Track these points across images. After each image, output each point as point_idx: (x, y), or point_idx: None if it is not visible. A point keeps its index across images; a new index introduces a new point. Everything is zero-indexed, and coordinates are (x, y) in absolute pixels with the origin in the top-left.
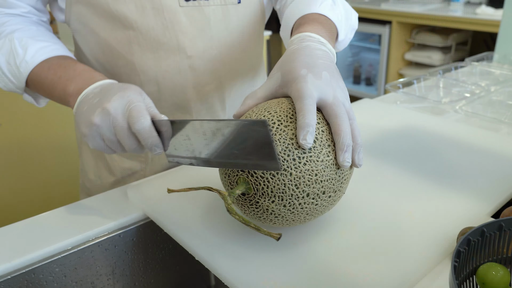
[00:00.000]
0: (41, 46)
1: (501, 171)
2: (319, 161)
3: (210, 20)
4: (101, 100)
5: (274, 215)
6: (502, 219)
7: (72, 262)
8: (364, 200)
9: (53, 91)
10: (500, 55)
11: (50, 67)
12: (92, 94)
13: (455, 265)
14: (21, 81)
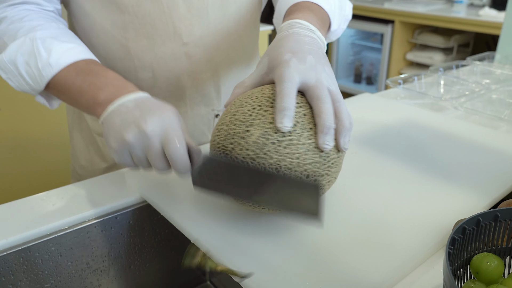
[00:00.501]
0: (66, 48)
1: (499, 167)
2: (300, 144)
3: (208, 7)
4: (138, 118)
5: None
6: (498, 209)
7: (68, 242)
8: (361, 192)
9: (80, 98)
10: (501, 56)
11: (78, 73)
12: (125, 108)
13: (449, 252)
14: (40, 84)
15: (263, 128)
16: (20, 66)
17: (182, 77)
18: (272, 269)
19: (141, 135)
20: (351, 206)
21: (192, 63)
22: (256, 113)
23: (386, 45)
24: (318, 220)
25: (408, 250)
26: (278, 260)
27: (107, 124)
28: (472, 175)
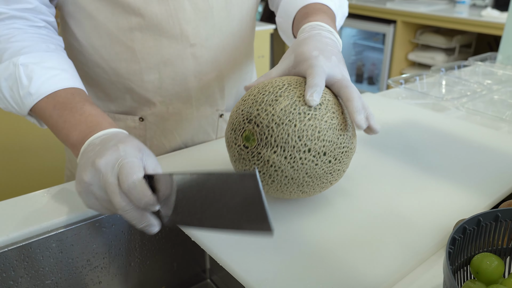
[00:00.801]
0: (48, 76)
1: (500, 167)
2: (323, 121)
3: (213, 8)
4: (95, 155)
5: (274, 168)
6: (499, 209)
7: (69, 239)
8: (363, 190)
9: (57, 133)
10: (503, 56)
11: (55, 105)
12: (91, 146)
13: (449, 251)
14: (24, 110)
15: (291, 99)
16: (4, 91)
17: (188, 78)
18: (272, 268)
19: (95, 171)
20: (351, 206)
21: (198, 64)
22: (285, 88)
23: (388, 45)
24: (265, 223)
25: (408, 249)
26: (278, 259)
27: (77, 168)
28: (473, 175)
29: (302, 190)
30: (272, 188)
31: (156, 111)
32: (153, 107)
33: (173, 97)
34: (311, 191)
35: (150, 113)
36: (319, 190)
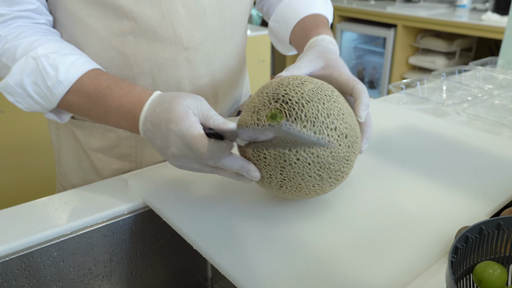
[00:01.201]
0: (71, 61)
1: (501, 173)
2: (344, 106)
3: (205, 11)
4: (163, 146)
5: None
6: (501, 217)
7: (70, 247)
8: (364, 196)
9: (106, 122)
10: (504, 61)
11: (89, 97)
12: (149, 132)
13: (452, 260)
14: (53, 103)
15: (316, 84)
16: (28, 88)
17: (182, 82)
18: (274, 274)
19: (176, 158)
20: (352, 212)
21: (192, 68)
22: (307, 78)
23: (388, 49)
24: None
25: (410, 257)
26: (279, 265)
27: (150, 142)
28: (474, 181)
29: (321, 176)
30: (293, 172)
31: None
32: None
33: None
34: (326, 184)
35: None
36: (332, 184)
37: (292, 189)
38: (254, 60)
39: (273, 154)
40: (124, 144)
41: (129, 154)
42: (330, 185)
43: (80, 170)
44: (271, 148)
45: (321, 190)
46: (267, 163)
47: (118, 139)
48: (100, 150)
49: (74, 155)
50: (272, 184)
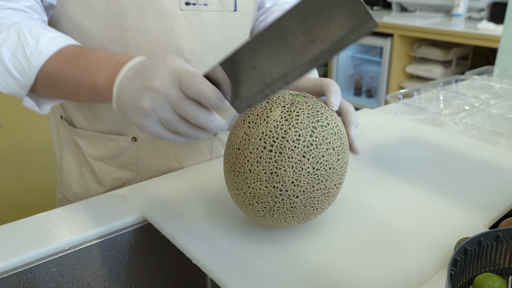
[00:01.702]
0: (53, 36)
1: (499, 183)
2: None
3: (208, 25)
4: (143, 81)
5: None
6: (499, 229)
7: (69, 263)
8: (362, 208)
9: (79, 88)
10: (500, 70)
11: (68, 61)
12: (127, 80)
13: (451, 273)
14: (30, 77)
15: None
16: (6, 60)
17: None
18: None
19: (154, 94)
20: (349, 224)
21: None
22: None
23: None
24: (369, 17)
25: (409, 269)
26: (278, 279)
27: (121, 105)
28: (472, 191)
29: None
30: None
31: None
32: None
33: None
34: (317, 204)
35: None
36: (320, 206)
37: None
38: None
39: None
40: (125, 154)
41: (130, 164)
42: (318, 208)
43: (81, 178)
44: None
45: (313, 212)
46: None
47: (119, 149)
48: (102, 159)
49: (76, 164)
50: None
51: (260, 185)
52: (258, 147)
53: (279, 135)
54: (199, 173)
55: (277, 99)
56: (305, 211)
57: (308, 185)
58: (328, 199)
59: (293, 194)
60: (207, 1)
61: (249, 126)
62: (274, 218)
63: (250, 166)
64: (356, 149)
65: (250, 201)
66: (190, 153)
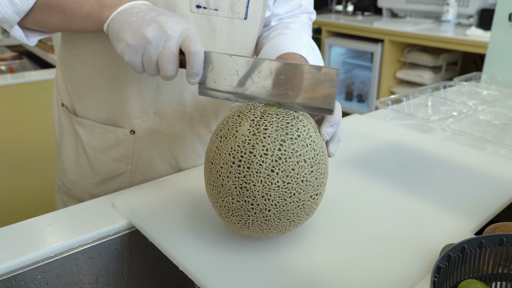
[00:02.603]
0: None
1: (485, 189)
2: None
3: (215, 30)
4: (157, 18)
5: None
6: (483, 236)
7: (55, 270)
8: (348, 214)
9: (80, 7)
10: (487, 76)
11: None
12: (138, 9)
13: (434, 280)
14: (29, 1)
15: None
16: None
17: (185, 93)
18: None
19: (161, 32)
20: (337, 230)
21: None
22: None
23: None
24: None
25: (395, 275)
26: (267, 285)
27: (119, 21)
28: (459, 197)
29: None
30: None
31: (149, 122)
32: (146, 118)
33: (167, 110)
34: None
35: (143, 124)
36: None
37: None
38: None
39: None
40: (123, 146)
41: (126, 156)
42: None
43: (77, 167)
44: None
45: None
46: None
47: (117, 140)
48: (99, 149)
49: (74, 152)
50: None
51: (232, 199)
52: (227, 162)
53: (246, 150)
54: (187, 179)
55: (248, 112)
56: (281, 223)
57: (279, 199)
58: (305, 210)
59: (265, 208)
60: (218, 6)
61: (220, 141)
62: (251, 230)
63: (221, 181)
64: (329, 152)
65: (226, 214)
66: (186, 151)
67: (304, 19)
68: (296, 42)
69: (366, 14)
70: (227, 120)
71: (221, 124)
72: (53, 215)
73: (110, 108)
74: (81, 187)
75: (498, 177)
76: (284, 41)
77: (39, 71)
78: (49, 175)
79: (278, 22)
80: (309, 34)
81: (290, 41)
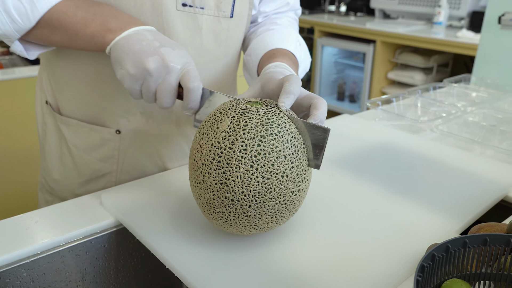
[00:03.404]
0: None
1: (472, 190)
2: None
3: (201, 29)
4: (160, 49)
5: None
6: (467, 236)
7: (41, 267)
8: (335, 213)
9: (84, 28)
10: (477, 78)
11: (77, 5)
12: (142, 36)
13: (418, 279)
14: (31, 20)
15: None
16: (7, 1)
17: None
18: None
19: (162, 65)
20: (322, 228)
21: None
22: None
23: (368, 64)
24: (318, 162)
25: (381, 274)
26: (253, 283)
27: (123, 48)
28: (445, 197)
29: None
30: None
31: (135, 122)
32: (132, 118)
33: (154, 109)
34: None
35: (128, 124)
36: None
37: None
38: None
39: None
40: (108, 146)
41: (111, 156)
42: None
43: (61, 165)
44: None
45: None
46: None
47: (102, 140)
48: (84, 149)
49: (58, 150)
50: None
51: (213, 195)
52: (208, 158)
53: (226, 146)
54: (175, 177)
55: (229, 109)
56: (263, 219)
57: (259, 194)
58: (287, 207)
59: (245, 204)
60: (204, 4)
61: (202, 138)
62: (234, 227)
63: (203, 177)
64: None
65: (209, 211)
66: (172, 151)
67: (290, 14)
68: (284, 38)
69: (359, 15)
70: (210, 118)
71: (204, 121)
72: (40, 212)
73: (95, 107)
74: (65, 187)
75: (485, 178)
76: (272, 37)
77: (29, 67)
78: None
79: (265, 19)
80: (296, 29)
81: (278, 37)
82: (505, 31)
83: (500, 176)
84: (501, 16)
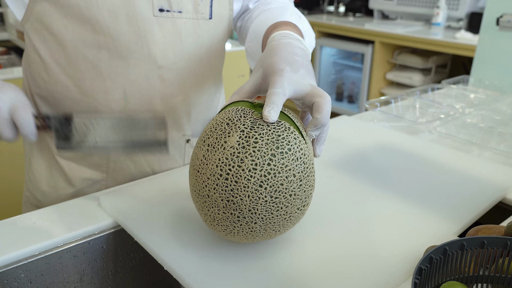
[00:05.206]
0: None
1: (470, 191)
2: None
3: (181, 33)
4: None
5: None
6: (464, 238)
7: (39, 268)
8: (333, 214)
9: None
10: (475, 79)
11: None
12: None
13: (416, 282)
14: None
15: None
16: None
17: (154, 100)
18: None
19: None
20: (321, 231)
21: (165, 87)
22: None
23: (366, 64)
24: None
25: (379, 277)
26: (252, 286)
27: None
28: (443, 199)
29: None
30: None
31: None
32: None
33: None
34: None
35: None
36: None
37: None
38: (234, 75)
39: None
40: (94, 158)
41: (100, 164)
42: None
43: (50, 177)
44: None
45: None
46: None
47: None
48: (71, 159)
49: (45, 162)
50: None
51: (218, 210)
52: (214, 174)
53: (235, 163)
54: (173, 178)
55: (237, 121)
56: (267, 233)
57: (266, 213)
58: (292, 221)
59: (251, 221)
60: (182, 8)
61: (207, 149)
62: (237, 238)
63: (208, 192)
64: (315, 153)
65: (212, 222)
66: (161, 158)
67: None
68: (282, 12)
69: (358, 16)
70: (215, 127)
71: (208, 130)
72: (38, 213)
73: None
74: (54, 199)
75: (483, 180)
76: (270, 14)
77: None
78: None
79: (256, 3)
80: (293, 6)
81: (276, 13)
82: (503, 32)
83: (498, 178)
84: (499, 17)
